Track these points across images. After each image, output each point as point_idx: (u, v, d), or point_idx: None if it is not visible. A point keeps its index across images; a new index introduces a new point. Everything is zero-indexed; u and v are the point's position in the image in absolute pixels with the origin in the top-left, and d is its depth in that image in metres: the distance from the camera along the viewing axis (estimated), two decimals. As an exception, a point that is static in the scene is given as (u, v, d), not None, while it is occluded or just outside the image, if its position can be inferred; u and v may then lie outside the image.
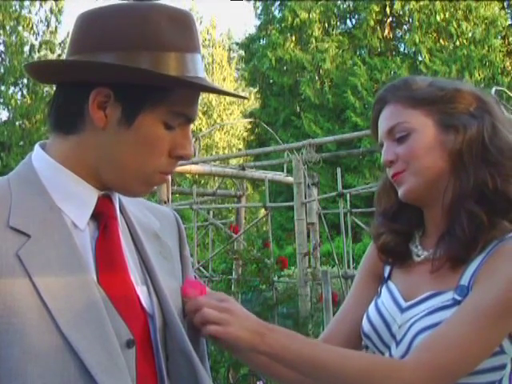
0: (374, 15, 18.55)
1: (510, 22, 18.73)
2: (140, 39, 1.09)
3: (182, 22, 1.12)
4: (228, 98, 26.16)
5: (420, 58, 18.36)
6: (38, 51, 20.42)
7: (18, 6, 20.16)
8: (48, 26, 20.80)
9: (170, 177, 4.86)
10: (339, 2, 19.67)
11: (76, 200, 1.13)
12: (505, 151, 1.40)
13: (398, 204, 1.50)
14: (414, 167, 1.42)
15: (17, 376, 1.01)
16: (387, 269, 1.54)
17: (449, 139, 1.41)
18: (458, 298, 1.34)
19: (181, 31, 1.12)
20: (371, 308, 1.49)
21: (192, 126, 1.19)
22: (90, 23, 1.12)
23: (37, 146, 1.18)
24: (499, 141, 1.41)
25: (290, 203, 5.40)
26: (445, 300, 1.36)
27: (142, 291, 1.16)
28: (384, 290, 1.51)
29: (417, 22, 18.08)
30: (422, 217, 1.49)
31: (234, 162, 11.55)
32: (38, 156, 1.16)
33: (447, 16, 17.93)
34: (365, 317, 1.50)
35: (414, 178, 1.42)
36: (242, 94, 26.87)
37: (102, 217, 1.15)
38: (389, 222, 1.52)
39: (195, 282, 1.25)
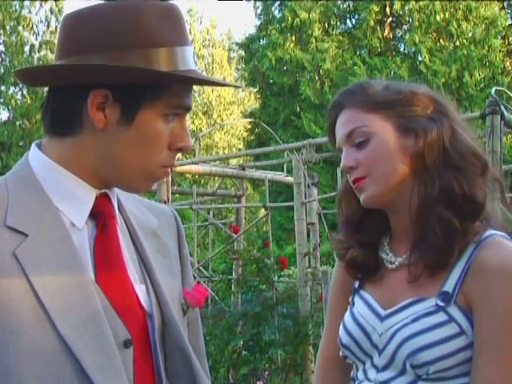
0: (373, 15, 18.52)
1: (510, 22, 18.71)
2: (130, 37, 1.09)
3: (170, 16, 1.12)
4: (228, 98, 26.14)
5: (420, 58, 18.34)
6: (38, 51, 20.42)
7: (18, 6, 20.15)
8: (48, 26, 20.79)
9: (170, 177, 4.84)
10: (339, 2, 19.65)
11: (73, 199, 1.13)
12: (466, 155, 1.39)
13: (360, 211, 1.47)
14: (375, 173, 1.40)
15: (12, 376, 1.00)
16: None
17: (409, 143, 1.40)
18: (441, 303, 1.34)
19: (169, 25, 1.12)
20: (347, 318, 1.48)
21: (192, 126, 1.20)
22: (78, 24, 1.11)
23: (33, 146, 1.17)
24: (459, 144, 1.40)
25: (290, 203, 5.39)
26: (428, 306, 1.35)
27: (140, 290, 1.15)
28: (357, 299, 1.49)
29: (417, 22, 18.06)
30: (387, 222, 1.47)
31: (234, 161, 11.53)
32: (34, 156, 1.15)
33: (447, 16, 17.91)
34: (341, 328, 1.48)
35: (376, 184, 1.40)
36: (241, 93, 26.88)
37: (101, 216, 1.15)
38: (353, 232, 1.49)
39: (197, 293, 1.24)
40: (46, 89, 1.18)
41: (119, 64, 1.07)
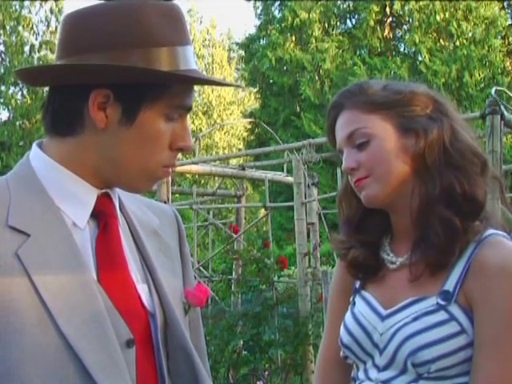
0: (373, 15, 18.52)
1: (510, 22, 18.71)
2: (131, 37, 1.09)
3: (171, 16, 1.12)
4: (228, 98, 26.13)
5: (420, 58, 18.34)
6: (38, 51, 20.43)
7: (18, 6, 20.16)
8: (48, 26, 20.81)
9: (170, 177, 4.84)
10: (339, 2, 19.65)
11: (75, 199, 1.13)
12: (466, 154, 1.40)
13: (361, 210, 1.47)
14: (377, 173, 1.40)
15: (15, 376, 1.00)
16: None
17: (410, 143, 1.40)
18: (442, 302, 1.35)
19: (170, 25, 1.12)
20: (348, 319, 1.48)
21: (192, 126, 1.20)
22: (79, 24, 1.11)
23: (34, 146, 1.17)
24: (460, 144, 1.40)
25: (290, 203, 5.39)
26: (428, 305, 1.36)
27: (142, 289, 1.15)
28: (358, 299, 1.49)
29: (417, 22, 18.06)
30: (388, 221, 1.47)
31: (234, 161, 11.53)
32: (35, 155, 1.15)
33: (447, 16, 17.91)
34: (342, 328, 1.48)
35: (378, 183, 1.40)
36: (241, 93, 26.88)
37: (102, 215, 1.15)
38: (355, 232, 1.49)
39: (198, 292, 1.24)
40: (46, 89, 1.18)
41: (120, 64, 1.07)
